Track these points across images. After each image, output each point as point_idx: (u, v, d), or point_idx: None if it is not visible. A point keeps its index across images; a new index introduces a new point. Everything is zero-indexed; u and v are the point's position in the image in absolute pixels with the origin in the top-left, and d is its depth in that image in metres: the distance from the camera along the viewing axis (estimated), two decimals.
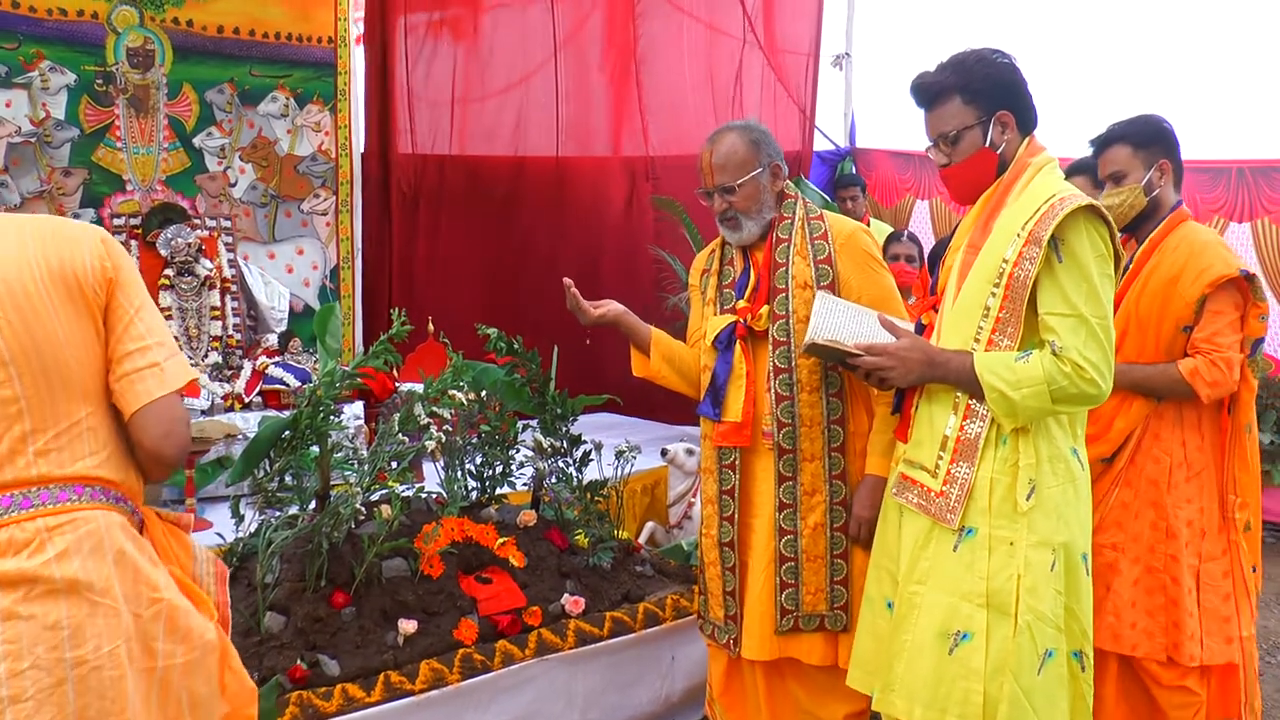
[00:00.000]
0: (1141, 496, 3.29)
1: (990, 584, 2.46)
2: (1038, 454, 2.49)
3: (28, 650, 1.71)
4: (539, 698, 3.33)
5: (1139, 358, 3.30)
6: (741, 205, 3.06)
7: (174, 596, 1.89)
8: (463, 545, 3.44)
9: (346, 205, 5.90)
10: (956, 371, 2.53)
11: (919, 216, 7.97)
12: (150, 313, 1.93)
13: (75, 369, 1.84)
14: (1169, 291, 3.25)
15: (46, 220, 1.93)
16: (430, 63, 6.47)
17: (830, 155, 8.48)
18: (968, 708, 2.45)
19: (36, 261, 1.84)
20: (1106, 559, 3.28)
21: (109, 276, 1.89)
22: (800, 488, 3.02)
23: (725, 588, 3.14)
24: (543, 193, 6.89)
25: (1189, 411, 3.30)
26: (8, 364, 1.79)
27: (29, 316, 1.80)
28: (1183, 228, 3.33)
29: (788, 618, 3.02)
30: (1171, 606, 3.22)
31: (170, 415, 1.90)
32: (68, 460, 1.82)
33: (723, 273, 3.21)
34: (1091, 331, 2.43)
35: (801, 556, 3.02)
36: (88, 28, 5.01)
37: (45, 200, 4.94)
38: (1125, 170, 3.34)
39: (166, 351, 1.91)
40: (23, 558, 1.74)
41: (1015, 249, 2.47)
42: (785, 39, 8.12)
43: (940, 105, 2.64)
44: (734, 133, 3.09)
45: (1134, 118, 3.39)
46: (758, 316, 3.05)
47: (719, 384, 3.09)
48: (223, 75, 5.44)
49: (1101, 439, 3.30)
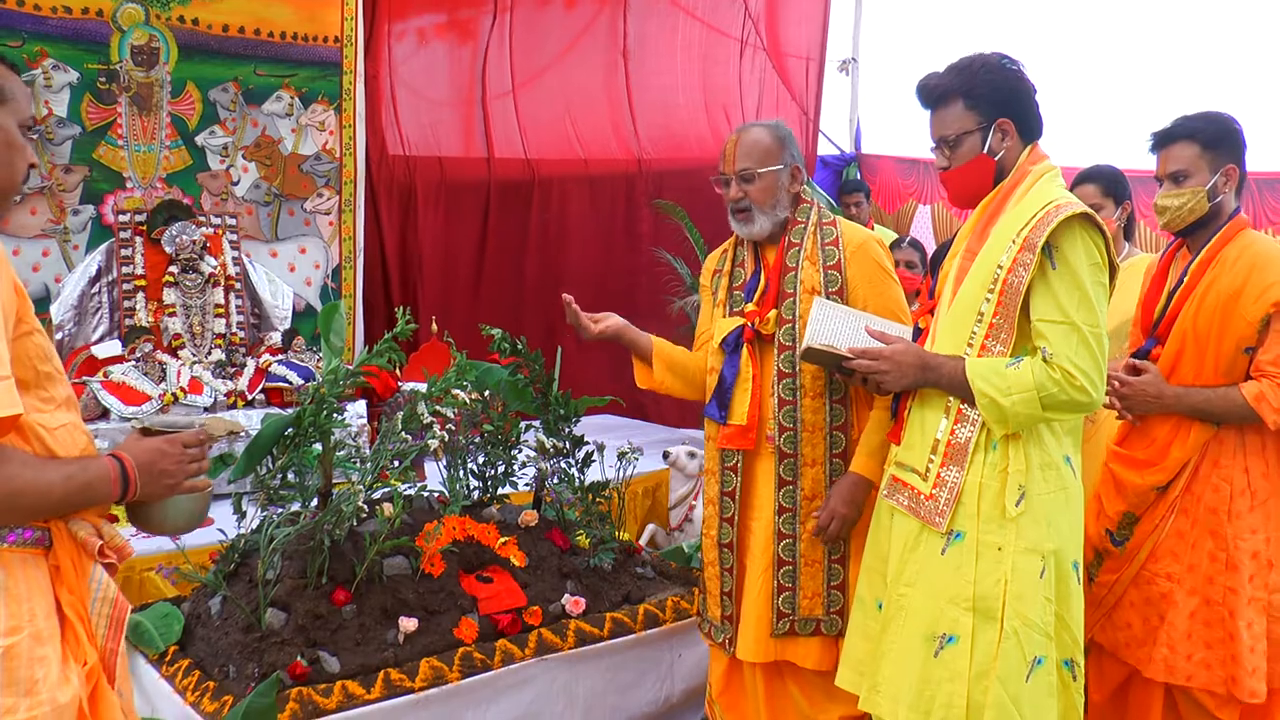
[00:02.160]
0: (1199, 525, 3.06)
1: (977, 588, 2.47)
2: (1028, 460, 2.49)
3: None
4: (539, 698, 3.33)
5: (1196, 379, 3.07)
6: (757, 197, 3.05)
7: (21, 643, 1.68)
8: (464, 544, 3.44)
9: (350, 204, 5.90)
10: (949, 376, 2.54)
11: (921, 222, 7.98)
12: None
13: None
14: (1229, 309, 3.00)
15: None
16: (426, 64, 6.48)
17: (835, 160, 8.50)
18: (951, 711, 2.45)
19: None
20: (1161, 589, 3.10)
21: None
22: (801, 492, 3.03)
23: (722, 588, 3.15)
24: (545, 194, 6.90)
25: (1251, 437, 3.05)
26: None
27: None
28: (1242, 237, 3.07)
29: (784, 621, 3.03)
30: (1229, 640, 3.00)
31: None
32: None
33: (733, 274, 3.20)
34: (1083, 339, 2.43)
35: (799, 561, 3.02)
36: (93, 26, 5.01)
37: (45, 196, 4.95)
38: (1189, 171, 3.07)
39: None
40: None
41: (1010, 255, 2.48)
42: (789, 42, 8.14)
43: (943, 108, 2.65)
44: (761, 127, 3.11)
45: (1204, 113, 3.13)
46: (765, 320, 3.04)
47: (726, 387, 3.09)
48: (227, 74, 5.45)
49: (1157, 466, 3.12)
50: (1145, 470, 3.14)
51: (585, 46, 7.15)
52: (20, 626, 1.68)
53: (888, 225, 7.60)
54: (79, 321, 4.83)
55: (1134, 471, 3.15)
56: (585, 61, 7.15)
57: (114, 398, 4.44)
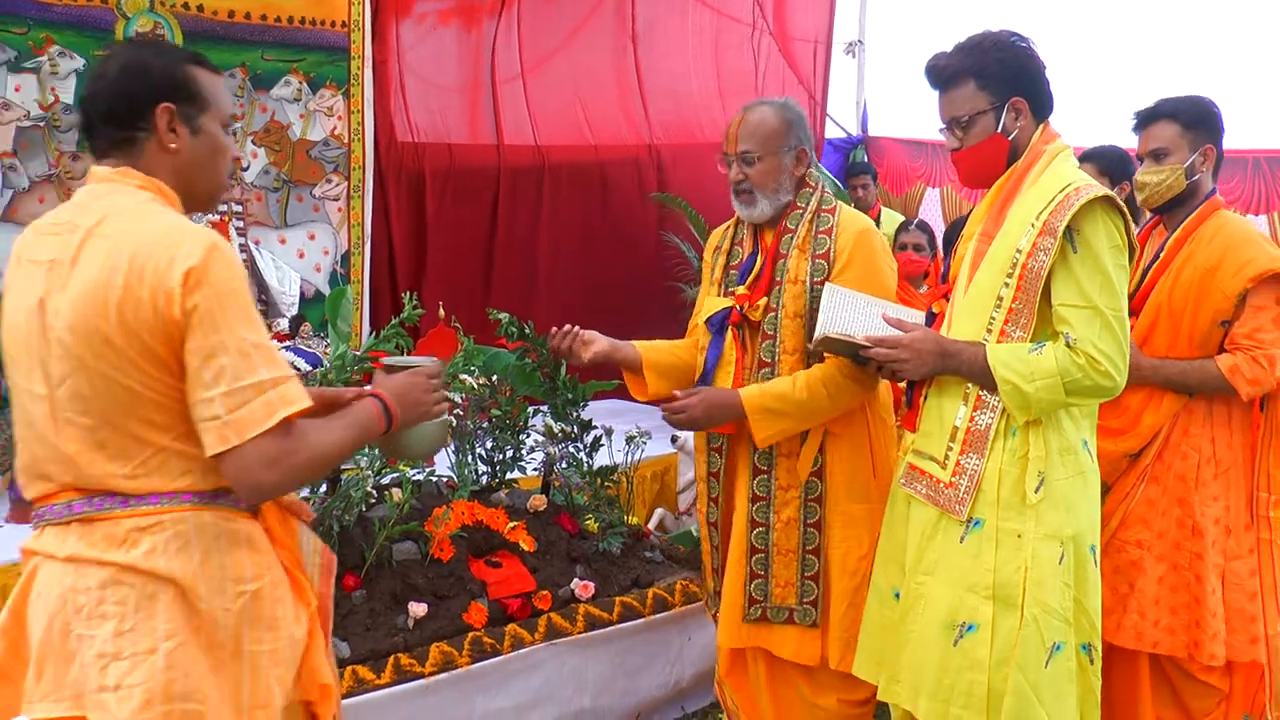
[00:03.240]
0: (1169, 493, 3.18)
1: (997, 576, 2.45)
2: (1047, 446, 2.47)
3: (130, 614, 1.82)
4: (548, 682, 3.34)
5: (1169, 351, 3.18)
6: (758, 179, 2.98)
7: (265, 585, 1.94)
8: (473, 529, 3.44)
9: (359, 190, 5.89)
10: (969, 363, 2.50)
11: (930, 204, 7.94)
12: (224, 354, 1.80)
13: (150, 406, 1.84)
14: (1205, 284, 3.12)
15: (142, 240, 1.82)
16: (435, 50, 6.46)
17: (842, 143, 8.46)
18: (972, 699, 2.44)
19: (112, 292, 1.79)
20: (1131, 556, 3.20)
21: (175, 320, 1.79)
22: (775, 481, 3.00)
23: (713, 564, 3.20)
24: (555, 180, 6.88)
25: (1219, 407, 3.18)
26: (86, 404, 1.82)
27: (100, 354, 1.80)
28: (1217, 216, 3.20)
29: (755, 607, 3.02)
30: (1194, 605, 3.13)
31: (239, 464, 1.82)
32: (157, 482, 1.86)
33: (731, 252, 3.16)
34: (1106, 323, 2.41)
35: (772, 550, 3.00)
36: (97, 13, 5.00)
37: (53, 184, 4.95)
38: (1169, 149, 3.19)
39: (235, 400, 1.80)
40: (121, 552, 1.83)
41: (1029, 239, 2.44)
42: (796, 26, 8.10)
43: (954, 89, 2.61)
44: (769, 107, 3.03)
45: (1185, 96, 3.24)
46: (755, 306, 2.99)
47: (708, 369, 3.06)
48: (235, 59, 5.42)
49: (1130, 434, 3.21)
50: (1118, 438, 3.19)
51: (594, 31, 7.11)
52: (263, 574, 1.94)
53: (895, 208, 7.55)
54: None
55: (1107, 439, 3.15)
56: (594, 46, 7.11)
57: None
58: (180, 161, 1.97)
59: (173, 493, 1.87)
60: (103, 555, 1.83)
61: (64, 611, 1.84)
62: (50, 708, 1.83)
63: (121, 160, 1.95)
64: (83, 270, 1.82)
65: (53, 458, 1.87)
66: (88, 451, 1.84)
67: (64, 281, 1.83)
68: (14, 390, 1.94)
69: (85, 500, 1.86)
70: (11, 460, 4.26)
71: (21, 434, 1.93)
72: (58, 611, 1.84)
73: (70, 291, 1.82)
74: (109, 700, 1.78)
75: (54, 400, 1.84)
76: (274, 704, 1.90)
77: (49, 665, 1.84)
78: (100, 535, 1.84)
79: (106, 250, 1.82)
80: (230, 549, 1.91)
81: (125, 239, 1.82)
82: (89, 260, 1.82)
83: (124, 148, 1.95)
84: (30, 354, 1.88)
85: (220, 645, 1.87)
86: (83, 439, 1.84)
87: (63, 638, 1.83)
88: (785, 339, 2.95)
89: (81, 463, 1.84)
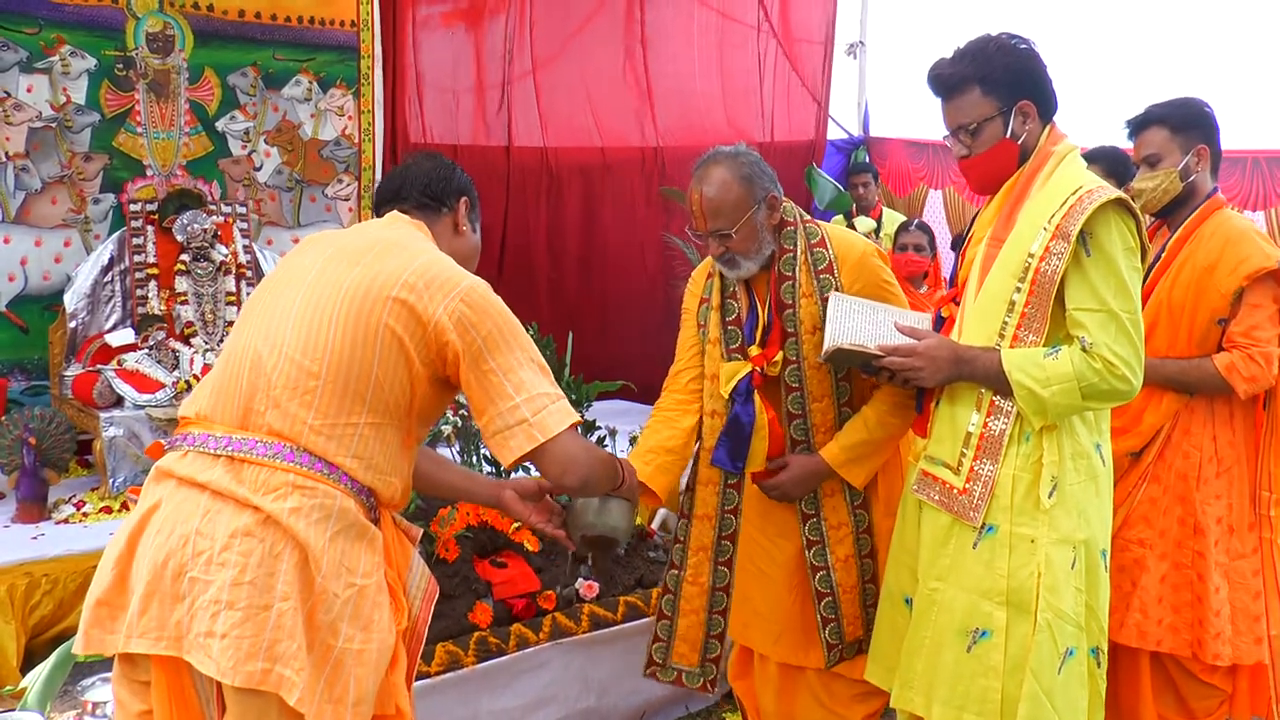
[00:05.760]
0: (1170, 492, 3.18)
1: (1010, 582, 2.43)
2: (1061, 451, 2.45)
3: (253, 568, 1.87)
4: (554, 681, 3.36)
5: (1169, 350, 3.18)
6: (739, 247, 2.81)
7: (371, 586, 1.99)
8: (478, 529, 3.47)
9: (369, 190, 5.91)
10: (984, 369, 2.47)
11: (932, 206, 7.93)
12: (519, 369, 2.05)
13: (376, 389, 2.00)
14: (1204, 282, 3.13)
15: (434, 259, 2.08)
16: (446, 52, 6.48)
17: (844, 144, 8.47)
18: (986, 705, 2.43)
19: (389, 300, 2.00)
20: (1134, 555, 3.19)
21: (454, 353, 2.02)
22: (825, 523, 2.93)
23: (709, 632, 3.04)
24: (562, 181, 6.90)
25: (1220, 406, 3.18)
26: (324, 355, 1.97)
27: (357, 333, 1.99)
28: (1217, 215, 3.20)
29: (834, 652, 2.93)
30: (1197, 604, 3.13)
31: (551, 459, 2.07)
32: (333, 449, 1.97)
33: (725, 306, 2.97)
34: (1121, 327, 2.39)
35: (837, 590, 2.92)
36: (107, 13, 5.03)
37: (66, 185, 4.97)
38: (1161, 154, 3.20)
39: (534, 407, 2.03)
40: (269, 499, 1.91)
41: (1041, 243, 2.41)
42: (799, 27, 8.11)
43: (959, 96, 2.56)
44: (723, 168, 2.79)
45: (1174, 99, 3.25)
46: (773, 363, 2.89)
47: (743, 437, 2.91)
48: (245, 59, 5.45)
49: (1131, 433, 3.20)
50: (1120, 436, 3.15)
51: (602, 35, 7.12)
52: (372, 573, 2.00)
53: (898, 210, 7.55)
54: (92, 310, 4.87)
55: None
56: (602, 50, 7.12)
57: (128, 385, 4.48)
58: (457, 245, 2.28)
59: (337, 467, 1.97)
60: (250, 497, 1.90)
61: (182, 552, 1.89)
62: (149, 645, 1.88)
63: (420, 220, 2.26)
64: (377, 260, 2.04)
65: (258, 389, 1.99)
66: (294, 396, 1.97)
67: (360, 260, 2.05)
68: (247, 314, 2.13)
69: (256, 441, 1.96)
70: (12, 461, 4.31)
71: (229, 356, 2.07)
72: (176, 550, 1.89)
73: (364, 269, 2.03)
74: (213, 645, 1.83)
75: (298, 332, 2.00)
76: (346, 700, 1.93)
77: (154, 603, 1.88)
78: (254, 478, 1.93)
79: (400, 256, 2.05)
80: (356, 540, 1.98)
81: (419, 254, 2.07)
82: (385, 253, 2.06)
83: (427, 213, 2.27)
84: (293, 286, 2.07)
85: (318, 627, 1.91)
86: (300, 382, 1.98)
87: (175, 579, 1.88)
88: (812, 389, 2.88)
89: (282, 400, 1.97)
